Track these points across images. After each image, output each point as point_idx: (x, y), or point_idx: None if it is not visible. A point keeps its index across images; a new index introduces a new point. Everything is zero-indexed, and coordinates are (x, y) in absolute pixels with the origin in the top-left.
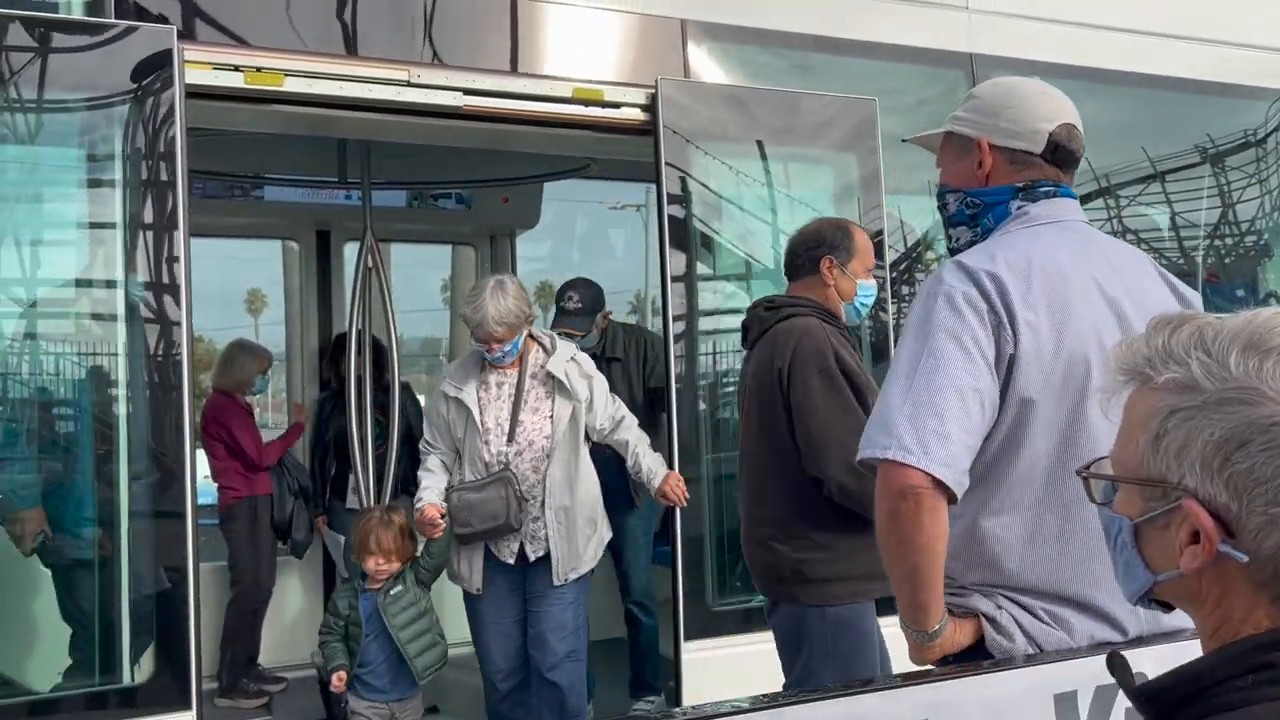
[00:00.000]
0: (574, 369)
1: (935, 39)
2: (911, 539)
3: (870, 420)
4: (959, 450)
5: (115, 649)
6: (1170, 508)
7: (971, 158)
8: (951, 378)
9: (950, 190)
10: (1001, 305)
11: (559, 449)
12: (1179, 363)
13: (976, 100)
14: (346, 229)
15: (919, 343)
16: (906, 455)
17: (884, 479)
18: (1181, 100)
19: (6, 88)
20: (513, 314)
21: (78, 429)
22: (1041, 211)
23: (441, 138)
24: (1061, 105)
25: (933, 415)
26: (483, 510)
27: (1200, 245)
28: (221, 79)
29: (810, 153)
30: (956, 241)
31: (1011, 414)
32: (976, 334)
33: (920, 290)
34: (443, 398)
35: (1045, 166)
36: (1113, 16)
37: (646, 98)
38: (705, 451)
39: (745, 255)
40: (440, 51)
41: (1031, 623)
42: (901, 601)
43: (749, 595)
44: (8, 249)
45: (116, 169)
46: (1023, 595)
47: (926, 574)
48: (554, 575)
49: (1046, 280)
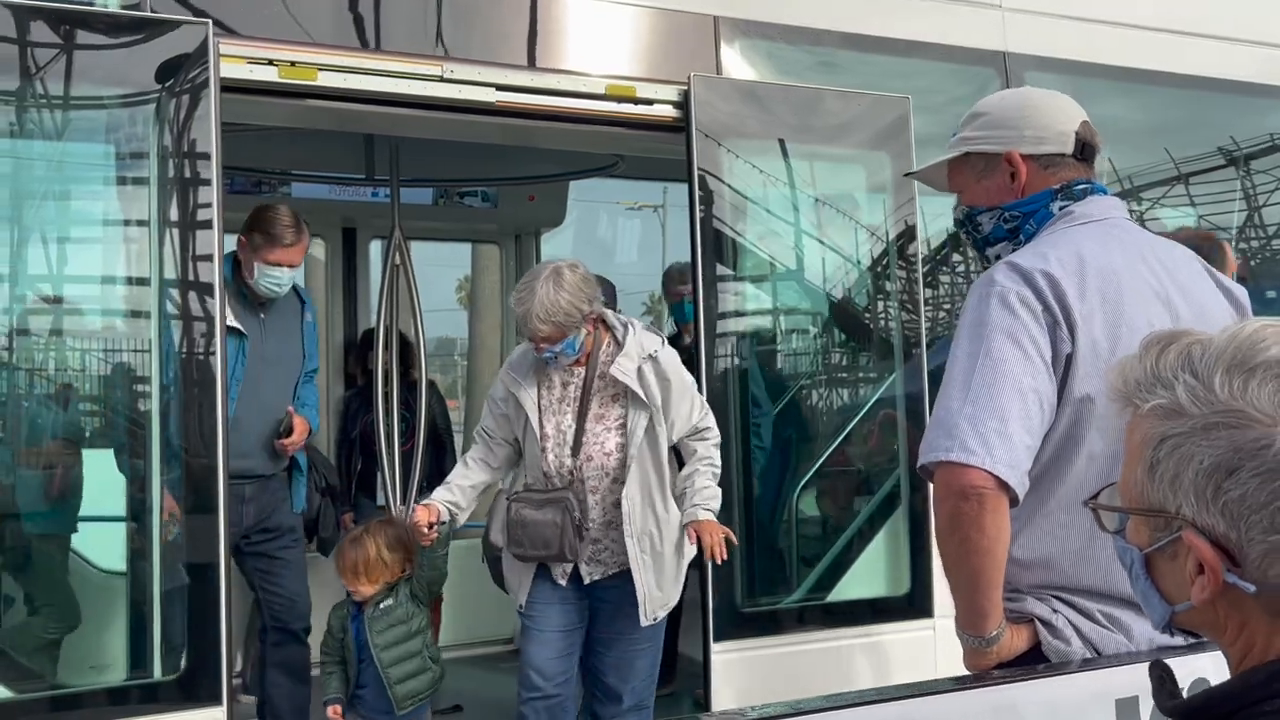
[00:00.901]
0: (649, 370)
1: (968, 37)
2: (973, 541)
3: (929, 426)
4: (1021, 451)
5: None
6: (1174, 538)
7: (999, 173)
8: (1012, 378)
9: (982, 210)
10: (1057, 304)
11: (636, 465)
12: (1165, 386)
13: (988, 117)
14: (373, 226)
15: (974, 344)
16: (969, 456)
17: (945, 481)
18: (1219, 100)
19: (40, 81)
20: (563, 311)
21: (107, 426)
22: (1086, 210)
23: (473, 134)
24: (1072, 105)
25: (993, 416)
26: (536, 534)
27: (1234, 246)
28: (256, 73)
29: (842, 151)
30: (996, 259)
31: (1069, 413)
32: (1033, 333)
33: (971, 292)
34: (504, 390)
35: (1076, 165)
36: (1147, 15)
37: (679, 94)
38: (735, 451)
39: (776, 251)
40: (473, 47)
41: (1088, 626)
42: (960, 606)
43: (779, 596)
44: (39, 244)
45: (151, 163)
46: (1079, 597)
47: (988, 577)
48: (642, 613)
49: (1100, 278)
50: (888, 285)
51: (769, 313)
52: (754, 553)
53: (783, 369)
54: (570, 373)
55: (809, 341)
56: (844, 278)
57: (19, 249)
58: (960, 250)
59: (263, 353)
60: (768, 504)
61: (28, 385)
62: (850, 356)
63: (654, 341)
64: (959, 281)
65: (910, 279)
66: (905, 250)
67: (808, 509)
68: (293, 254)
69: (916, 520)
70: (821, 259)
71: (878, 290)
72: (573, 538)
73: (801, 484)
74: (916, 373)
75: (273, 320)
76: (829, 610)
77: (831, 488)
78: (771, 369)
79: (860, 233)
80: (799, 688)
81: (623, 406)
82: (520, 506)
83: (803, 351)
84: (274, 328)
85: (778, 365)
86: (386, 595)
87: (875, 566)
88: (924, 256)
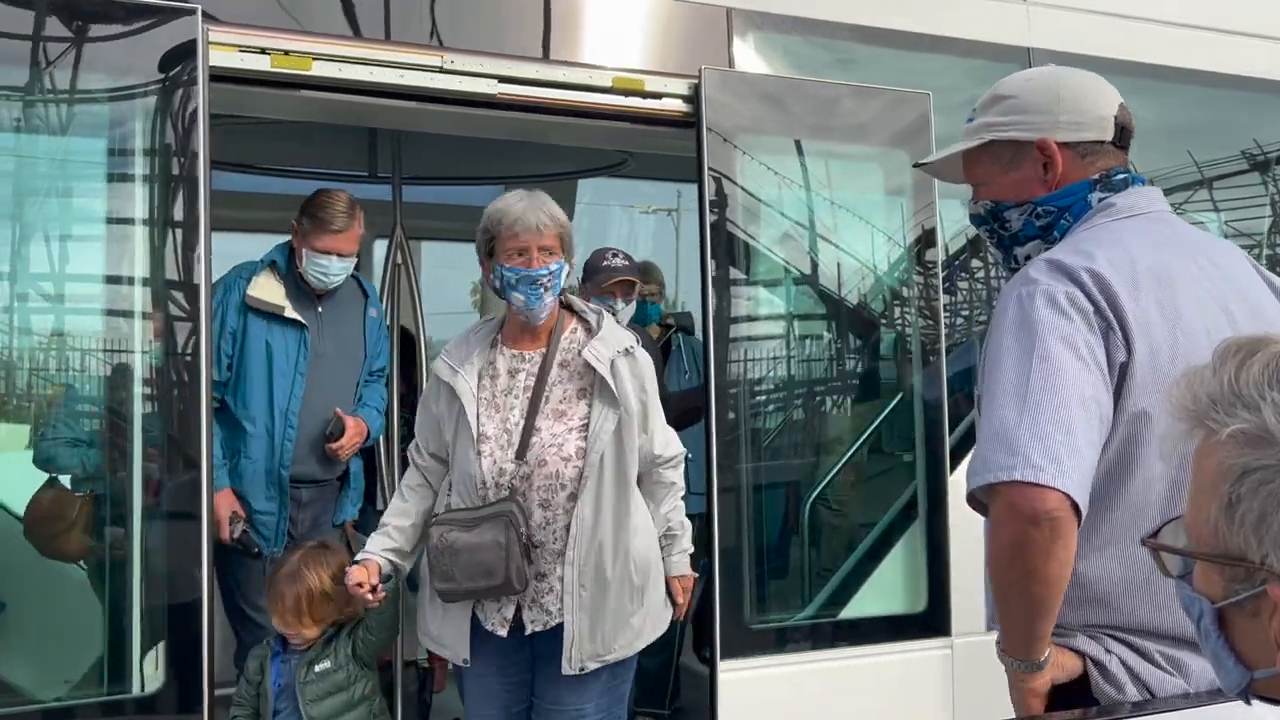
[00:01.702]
0: (624, 367)
1: (992, 31)
2: (1041, 571)
3: (982, 440)
4: (1088, 467)
5: None
6: (1256, 592)
7: (1030, 163)
8: (1075, 386)
9: (1010, 206)
10: (1109, 307)
11: (594, 477)
12: (1249, 407)
13: (1015, 100)
14: (374, 225)
15: (1024, 346)
16: (1038, 474)
17: (1010, 503)
18: (1246, 99)
19: (17, 68)
20: (560, 219)
21: (96, 425)
22: (1128, 202)
23: (474, 128)
24: (1108, 86)
25: (1059, 427)
26: (471, 561)
27: (1261, 250)
28: (247, 62)
29: (858, 148)
30: (1026, 260)
31: (1124, 429)
32: (1087, 338)
33: (1006, 292)
34: (435, 382)
35: (1115, 152)
36: (1175, 11)
37: (689, 88)
38: (745, 460)
39: (788, 249)
40: (475, 37)
41: (1146, 668)
42: (1014, 634)
43: (789, 613)
44: (22, 237)
45: (136, 157)
46: (1135, 636)
47: (1050, 605)
48: (565, 659)
49: (1153, 279)
50: (906, 290)
51: (781, 317)
52: (764, 566)
53: (796, 376)
54: (520, 358)
55: (823, 348)
56: (860, 281)
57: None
58: (982, 255)
59: (318, 348)
60: (778, 516)
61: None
62: (867, 364)
63: (627, 338)
64: (978, 287)
65: (929, 283)
66: (924, 254)
67: (820, 521)
68: (342, 241)
69: (933, 533)
70: (836, 261)
71: (895, 295)
72: (520, 561)
73: (814, 495)
74: (935, 381)
75: (330, 313)
76: (842, 627)
77: (845, 499)
78: (784, 377)
79: (877, 235)
80: (810, 709)
81: (588, 404)
82: (446, 530)
83: (816, 358)
84: (331, 320)
85: (790, 373)
86: (322, 653)
87: (890, 581)
88: (944, 260)
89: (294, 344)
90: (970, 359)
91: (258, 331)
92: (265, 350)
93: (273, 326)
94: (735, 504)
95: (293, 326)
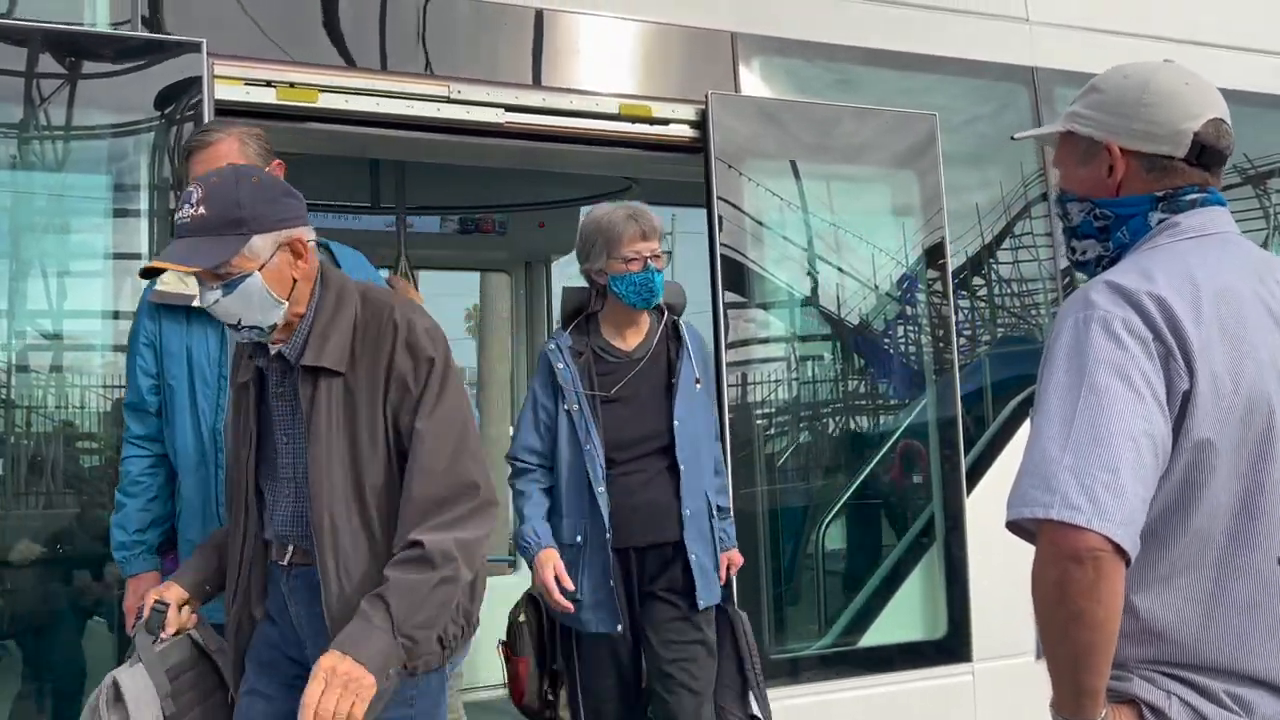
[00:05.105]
0: None
1: (995, 52)
2: (1087, 614)
3: (1021, 472)
4: (1135, 506)
5: None
6: None
7: (1099, 163)
8: (1122, 421)
9: (1073, 199)
10: (1170, 332)
11: None
12: None
13: (1101, 95)
14: (379, 256)
15: (1074, 377)
16: (1074, 514)
17: (1051, 542)
18: (1251, 115)
19: (22, 104)
20: None
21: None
22: (1191, 223)
23: (480, 157)
24: (1208, 97)
25: (1102, 466)
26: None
27: None
28: (253, 95)
29: (867, 170)
30: (1082, 255)
31: (1185, 460)
32: (1144, 367)
33: (1062, 314)
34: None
35: (1189, 171)
36: (1176, 28)
37: (696, 114)
38: (761, 484)
39: (799, 272)
40: (481, 67)
41: (1211, 709)
42: (1063, 686)
43: (809, 641)
44: (25, 272)
45: (141, 191)
46: (1198, 675)
47: (1100, 654)
48: None
49: (1217, 302)
50: (918, 312)
51: (791, 341)
52: (782, 594)
53: (808, 401)
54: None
55: (835, 371)
56: (870, 304)
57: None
58: (994, 278)
59: None
60: (794, 542)
61: None
62: (880, 388)
63: None
64: (987, 309)
65: (941, 306)
66: (954, 274)
67: (837, 547)
68: None
69: (953, 559)
70: (846, 285)
71: (907, 318)
72: None
73: (829, 520)
74: (949, 403)
75: None
76: (861, 655)
77: (861, 524)
78: (796, 402)
79: (888, 256)
80: None
81: None
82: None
83: (828, 380)
84: None
85: (803, 398)
86: None
87: (910, 608)
88: (954, 283)
89: (215, 340)
90: (979, 380)
91: (175, 337)
92: (185, 356)
93: (192, 328)
94: (752, 528)
95: (211, 321)
